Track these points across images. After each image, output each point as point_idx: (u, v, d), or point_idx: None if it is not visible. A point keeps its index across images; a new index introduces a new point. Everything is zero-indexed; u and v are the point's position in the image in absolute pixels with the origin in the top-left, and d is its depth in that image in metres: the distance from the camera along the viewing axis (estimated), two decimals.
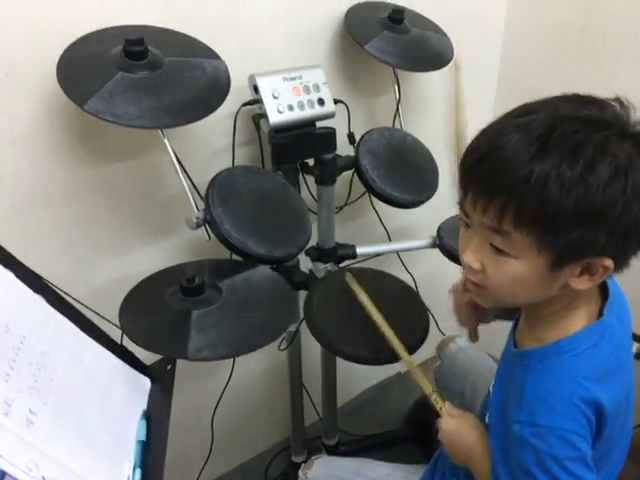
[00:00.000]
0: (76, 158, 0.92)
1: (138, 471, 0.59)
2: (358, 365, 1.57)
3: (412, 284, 1.34)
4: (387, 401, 1.65)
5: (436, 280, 1.54)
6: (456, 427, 0.73)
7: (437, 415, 0.76)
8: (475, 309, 0.79)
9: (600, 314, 0.63)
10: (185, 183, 0.90)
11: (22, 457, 0.48)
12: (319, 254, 1.17)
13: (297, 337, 1.21)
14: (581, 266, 0.56)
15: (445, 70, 1.18)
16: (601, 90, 0.58)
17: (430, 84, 1.31)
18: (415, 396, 1.53)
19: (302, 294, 1.01)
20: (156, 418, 0.66)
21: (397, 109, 1.20)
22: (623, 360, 0.65)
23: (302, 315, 0.96)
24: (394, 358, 0.89)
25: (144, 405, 0.68)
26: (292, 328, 1.17)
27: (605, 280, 0.65)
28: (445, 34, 1.19)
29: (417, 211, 1.27)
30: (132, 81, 0.77)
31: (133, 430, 0.64)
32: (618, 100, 0.56)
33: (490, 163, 0.55)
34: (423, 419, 1.43)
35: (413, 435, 1.46)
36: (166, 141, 0.87)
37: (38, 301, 0.62)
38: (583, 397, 0.57)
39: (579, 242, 0.53)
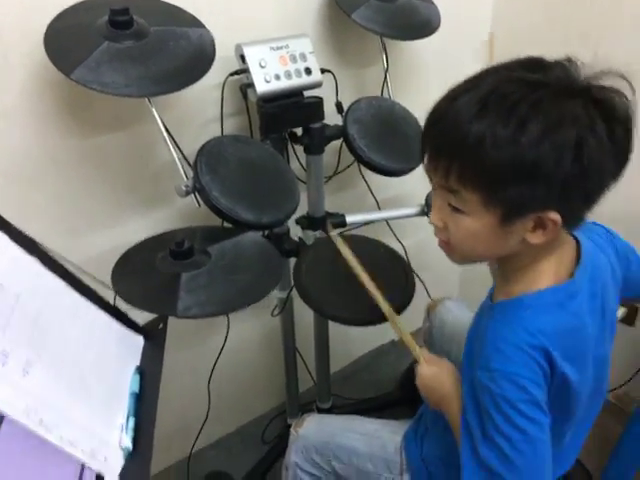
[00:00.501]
0: (66, 129, 0.94)
1: (132, 420, 0.63)
2: (352, 332, 1.63)
3: (402, 253, 1.37)
4: (381, 367, 1.69)
5: (426, 249, 1.56)
6: (432, 373, 0.78)
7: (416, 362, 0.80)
8: None
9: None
10: (174, 152, 0.92)
11: (20, 402, 0.52)
12: (309, 223, 1.19)
13: (289, 303, 1.25)
14: (533, 221, 0.59)
15: (433, 39, 1.19)
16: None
17: (419, 53, 1.31)
18: (408, 362, 1.57)
19: (293, 263, 1.04)
20: (149, 373, 0.69)
21: (385, 78, 1.21)
22: (587, 325, 0.66)
23: (293, 282, 0.99)
24: (379, 319, 0.92)
25: (137, 361, 0.71)
26: (283, 295, 1.20)
27: (581, 244, 0.68)
28: (432, 2, 1.20)
29: (407, 182, 1.30)
30: (118, 50, 0.79)
31: (127, 383, 0.67)
32: (568, 60, 0.58)
33: (439, 125, 0.59)
34: (413, 387, 1.48)
35: (405, 398, 1.50)
36: (154, 110, 0.88)
37: (32, 262, 0.65)
38: (531, 343, 0.60)
39: (520, 197, 0.57)
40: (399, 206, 1.38)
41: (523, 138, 0.54)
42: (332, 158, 1.24)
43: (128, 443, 0.60)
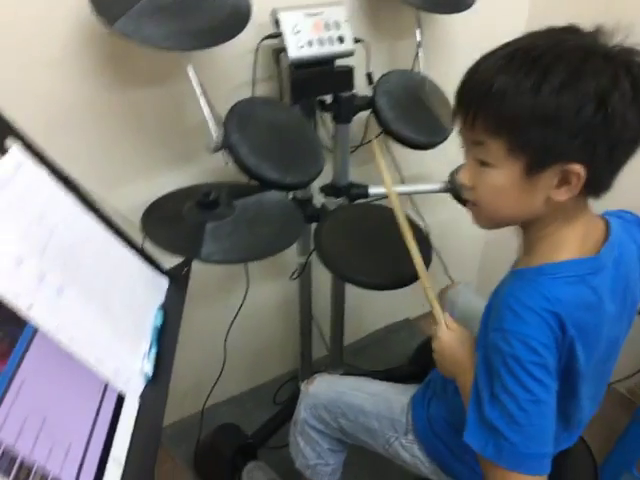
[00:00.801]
0: (106, 81, 0.98)
1: (154, 350, 0.67)
2: (367, 307, 1.66)
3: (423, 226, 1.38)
4: (393, 343, 1.72)
5: (448, 229, 1.58)
6: (450, 338, 0.77)
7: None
8: None
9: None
10: (206, 109, 0.95)
11: (53, 318, 0.56)
12: (333, 191, 1.22)
13: (308, 269, 1.28)
14: (557, 176, 0.60)
15: (468, 15, 1.19)
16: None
17: (453, 29, 1.32)
18: (419, 340, 1.60)
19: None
20: (171, 311, 0.73)
21: (417, 52, 1.22)
22: (606, 305, 0.66)
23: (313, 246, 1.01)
24: (395, 285, 0.94)
25: (161, 300, 0.75)
26: (302, 259, 1.24)
27: (611, 225, 0.69)
28: None
29: (432, 159, 1.31)
30: (159, 5, 0.82)
31: (151, 318, 0.72)
32: (600, 27, 0.59)
33: (469, 81, 0.62)
34: (426, 360, 1.50)
35: (415, 374, 1.53)
36: (190, 68, 0.92)
37: (69, 199, 0.69)
38: (547, 308, 0.61)
39: (542, 143, 0.58)
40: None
41: (545, 86, 0.56)
42: (359, 130, 1.26)
43: (149, 369, 0.65)
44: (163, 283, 0.78)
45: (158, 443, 0.57)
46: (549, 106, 0.56)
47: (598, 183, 0.62)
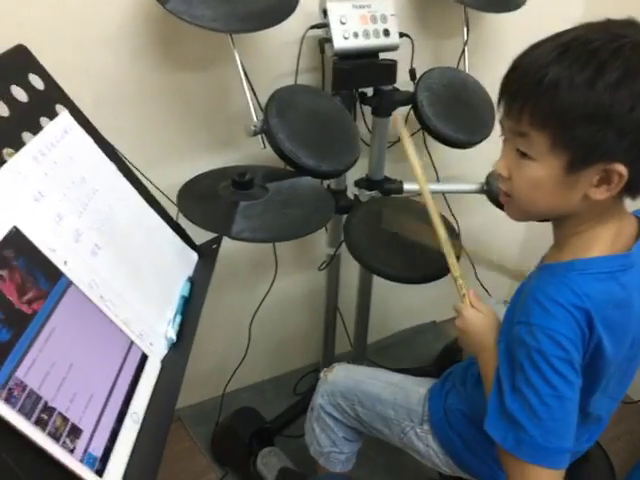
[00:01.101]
0: (156, 62, 1.02)
1: (179, 317, 0.69)
2: (394, 307, 1.65)
3: (456, 228, 1.37)
4: (418, 345, 1.70)
5: (483, 234, 1.56)
6: (474, 317, 0.74)
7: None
8: None
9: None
10: (248, 94, 0.97)
11: (86, 275, 0.59)
12: (367, 185, 1.22)
13: (337, 262, 1.29)
14: (597, 174, 0.59)
15: (516, 15, 1.17)
16: None
17: (501, 29, 1.30)
18: (445, 343, 1.58)
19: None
20: (198, 283, 0.75)
21: (463, 50, 1.21)
22: (635, 302, 0.65)
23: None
24: (420, 279, 0.94)
25: (190, 272, 0.78)
26: (332, 251, 1.24)
27: None
28: None
29: (469, 160, 1.30)
30: None
31: (179, 287, 0.74)
32: None
33: (518, 70, 0.61)
34: (450, 363, 1.49)
35: (438, 376, 1.51)
36: (236, 52, 0.94)
37: (111, 166, 0.72)
38: (575, 304, 0.60)
39: (588, 140, 0.57)
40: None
41: (599, 82, 0.55)
42: None
43: (173, 335, 0.67)
44: (193, 257, 0.80)
45: (174, 405, 0.59)
46: (602, 103, 0.55)
47: (638, 184, 0.60)
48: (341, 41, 1.04)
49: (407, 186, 1.22)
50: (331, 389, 0.99)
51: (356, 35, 1.05)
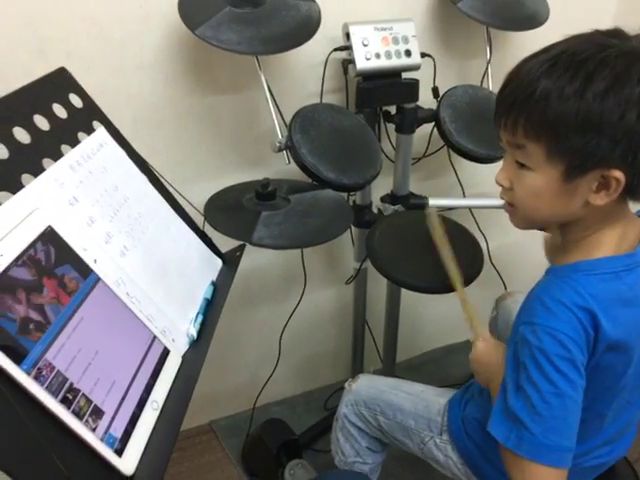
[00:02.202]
0: (189, 86, 1.09)
1: (200, 317, 0.74)
2: (424, 325, 1.65)
3: (484, 244, 1.37)
4: (450, 364, 1.68)
5: (513, 251, 1.55)
6: (486, 349, 0.79)
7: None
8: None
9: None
10: (274, 113, 1.02)
11: (114, 273, 0.64)
12: (392, 200, 1.25)
13: (364, 276, 1.31)
14: (596, 181, 0.60)
15: (540, 32, 1.19)
16: None
17: (524, 47, 1.31)
18: None
19: None
20: (221, 287, 0.80)
21: (487, 68, 1.24)
22: None
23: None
24: (443, 289, 0.95)
25: (214, 277, 0.82)
26: (357, 265, 1.27)
27: None
28: None
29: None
30: (237, 14, 0.91)
31: (202, 290, 0.78)
32: None
33: (511, 85, 0.63)
34: None
35: None
36: (262, 74, 1.00)
37: (142, 178, 0.78)
38: (578, 304, 0.60)
39: (583, 149, 0.58)
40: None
41: (589, 92, 0.56)
42: (422, 143, 1.29)
43: (194, 333, 0.71)
44: (218, 263, 0.85)
45: (191, 396, 0.62)
46: (593, 112, 0.56)
47: (638, 188, 0.61)
48: (363, 62, 1.08)
49: (432, 201, 1.24)
50: (355, 399, 1.01)
51: (378, 56, 1.09)
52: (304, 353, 1.52)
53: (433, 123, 1.18)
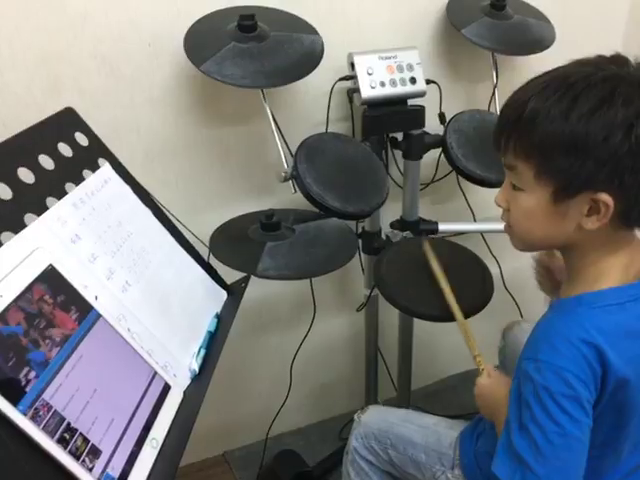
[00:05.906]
0: (198, 119, 1.11)
1: (203, 351, 0.73)
2: (440, 352, 1.62)
3: (497, 269, 1.35)
4: (468, 391, 1.63)
5: (527, 274, 1.51)
6: (490, 384, 0.79)
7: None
8: (547, 272, 0.87)
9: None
10: (279, 143, 1.03)
11: (115, 309, 0.64)
12: (402, 226, 1.24)
13: (375, 303, 1.30)
14: (587, 204, 0.59)
15: (545, 57, 1.19)
16: None
17: (530, 70, 1.30)
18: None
19: None
20: (225, 320, 0.79)
21: (493, 93, 1.23)
22: None
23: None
24: (444, 318, 0.94)
25: (218, 309, 0.82)
26: (367, 292, 1.26)
27: None
28: (549, 21, 1.21)
29: None
30: (241, 50, 0.93)
31: (206, 323, 0.78)
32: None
33: (505, 109, 0.64)
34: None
35: None
36: (267, 106, 1.01)
37: (146, 212, 0.79)
38: (583, 339, 0.59)
39: (569, 170, 0.58)
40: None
41: (574, 113, 0.56)
42: (430, 168, 1.29)
43: (196, 367, 0.71)
44: (222, 295, 0.85)
45: (191, 431, 0.62)
46: (577, 133, 0.56)
47: (630, 214, 0.60)
48: (368, 90, 1.09)
49: (442, 227, 1.23)
50: (364, 431, 0.99)
51: (383, 84, 1.10)
52: (317, 382, 1.50)
53: (441, 148, 1.18)
